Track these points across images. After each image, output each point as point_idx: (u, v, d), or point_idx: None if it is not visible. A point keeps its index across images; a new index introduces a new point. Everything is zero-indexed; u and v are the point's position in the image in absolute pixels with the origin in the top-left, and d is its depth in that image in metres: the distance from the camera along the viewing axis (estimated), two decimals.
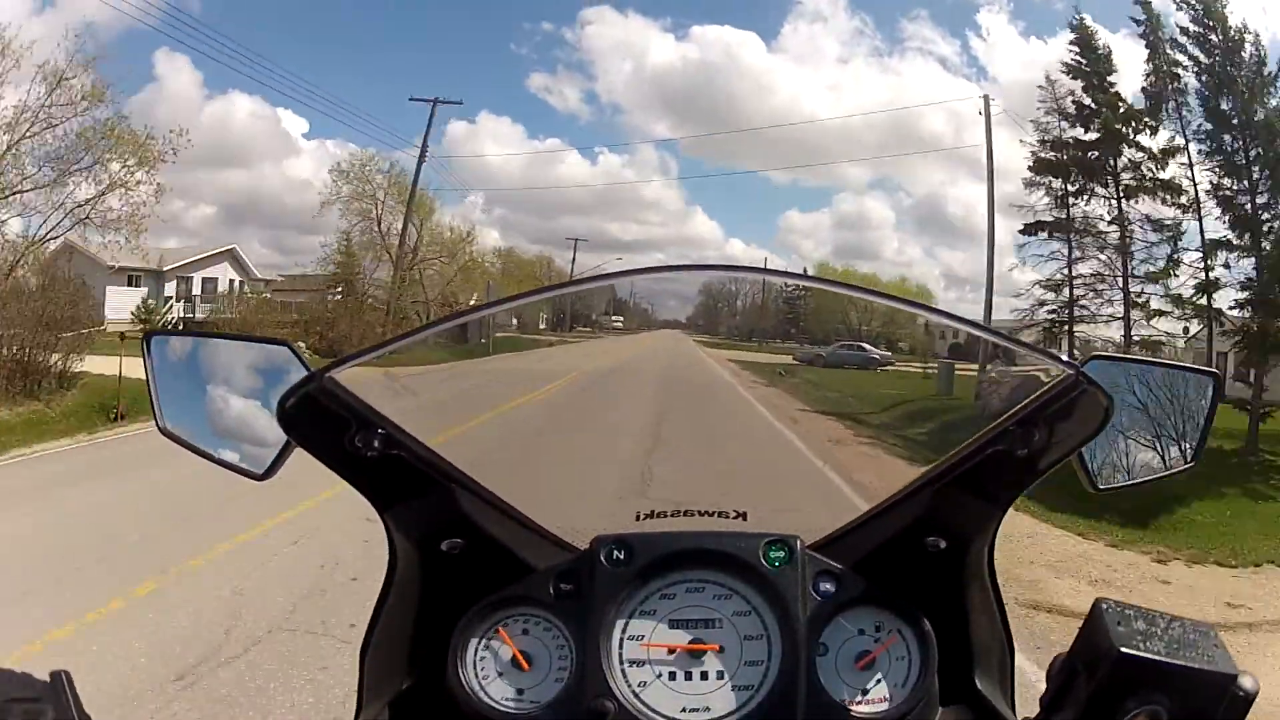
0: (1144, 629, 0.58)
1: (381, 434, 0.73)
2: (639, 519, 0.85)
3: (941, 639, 0.78)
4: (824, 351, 26.46)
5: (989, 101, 18.80)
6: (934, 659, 0.77)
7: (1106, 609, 0.60)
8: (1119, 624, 0.58)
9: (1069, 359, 0.69)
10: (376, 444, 0.72)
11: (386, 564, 0.81)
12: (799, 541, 0.80)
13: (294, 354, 0.72)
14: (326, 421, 0.71)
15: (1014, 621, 0.84)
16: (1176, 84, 14.57)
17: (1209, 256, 14.00)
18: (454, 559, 0.81)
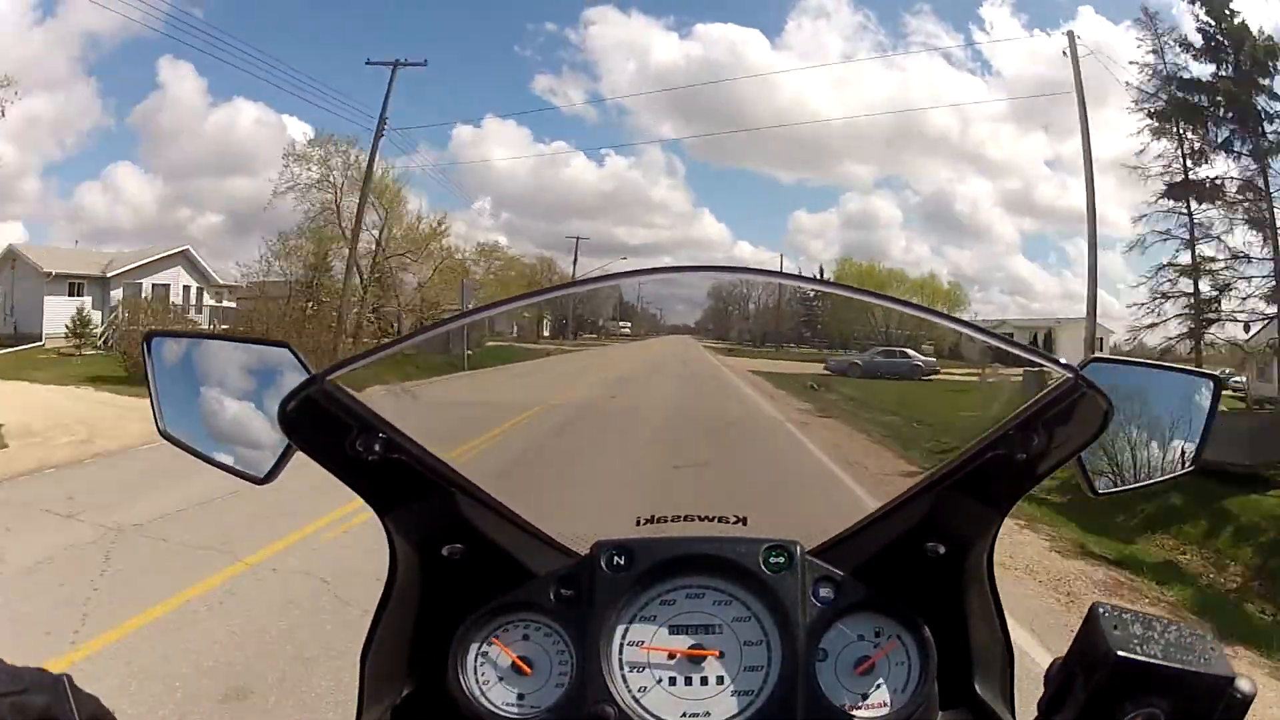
0: (1141, 633, 0.58)
1: (382, 438, 0.73)
2: (639, 524, 0.85)
3: (941, 644, 0.78)
4: (860, 359, 23.65)
5: (1074, 38, 15.81)
6: (934, 664, 0.77)
7: (1103, 613, 0.60)
8: (1115, 628, 0.58)
9: (1067, 363, 0.69)
10: (377, 448, 0.73)
11: (387, 568, 0.81)
12: (799, 547, 0.80)
13: (295, 356, 0.72)
14: (327, 425, 0.71)
15: None
16: None
17: None
18: (454, 564, 0.81)
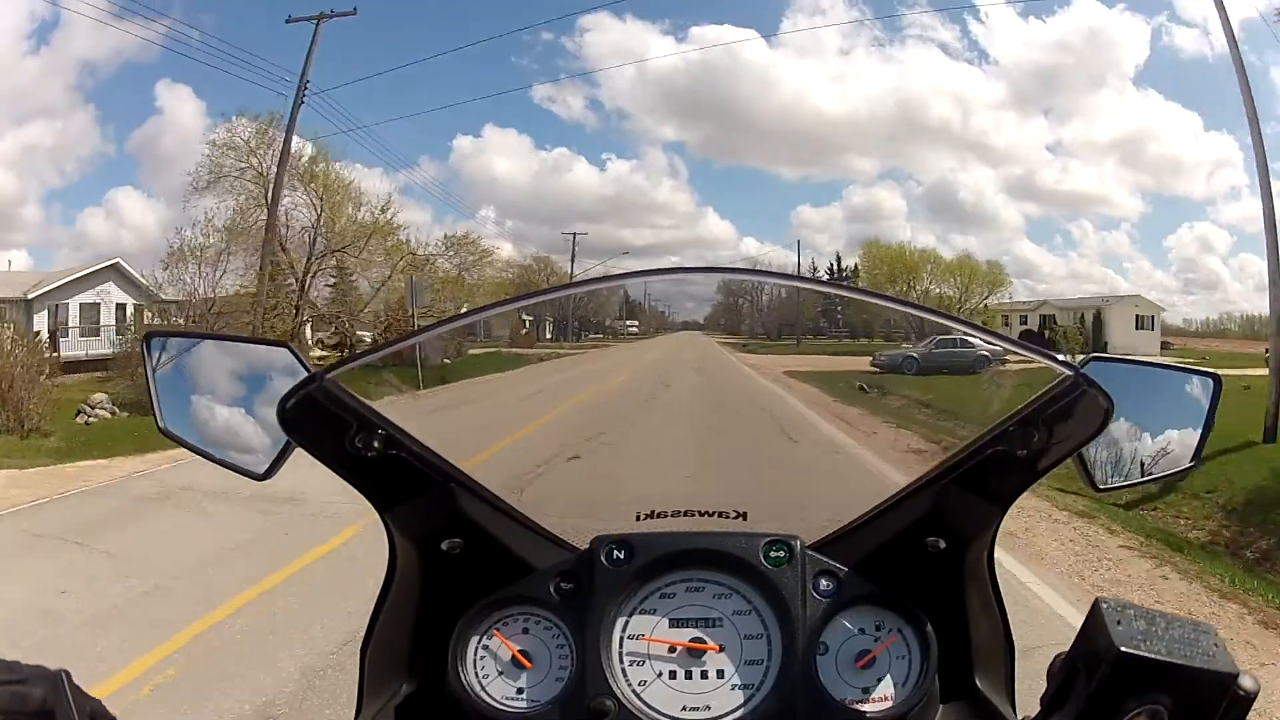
0: (1144, 628, 0.58)
1: (381, 434, 0.73)
2: (639, 519, 0.85)
3: (942, 638, 0.78)
4: (915, 351, 19.32)
5: (1224, 7, 13.76)
6: (934, 658, 0.77)
7: (1106, 608, 0.60)
8: (1119, 623, 0.58)
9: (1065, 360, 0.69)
10: (376, 445, 0.73)
11: (386, 563, 0.81)
12: (799, 541, 0.80)
13: (294, 355, 0.72)
14: (327, 423, 0.71)
15: None
16: None
17: None
18: (454, 559, 0.81)
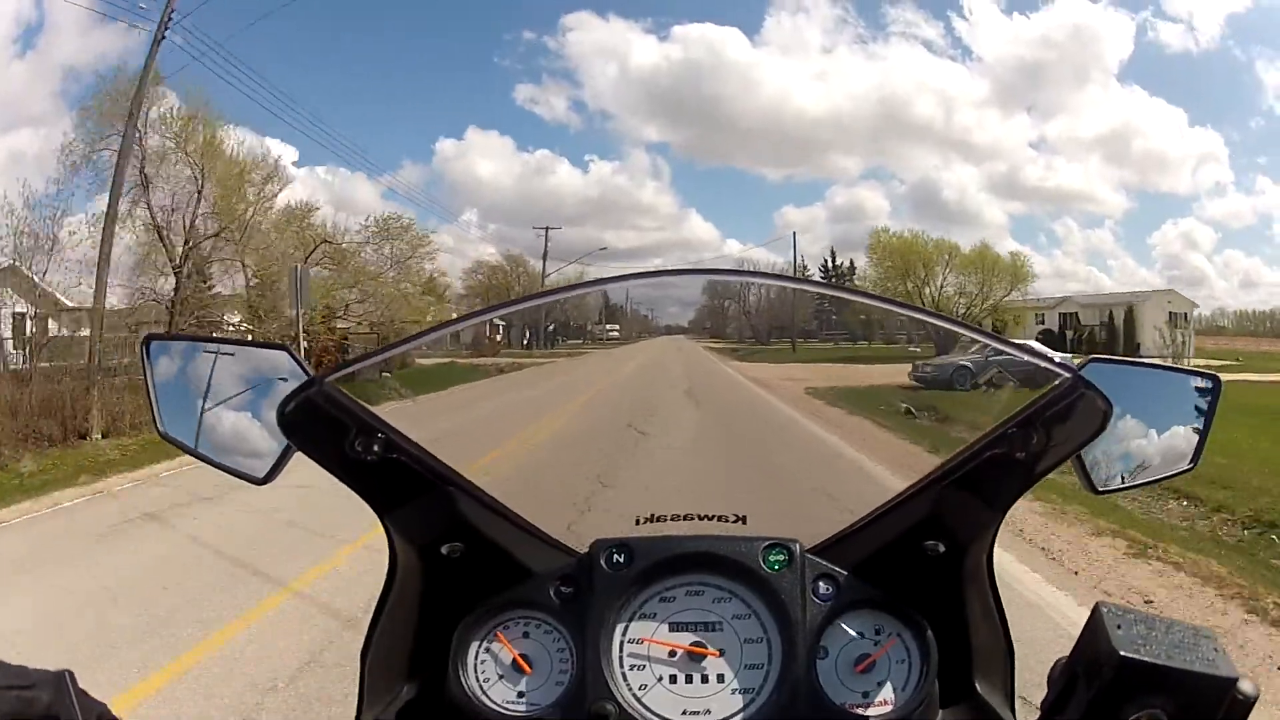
0: (1144, 633, 0.58)
1: (381, 438, 0.73)
2: (639, 523, 0.85)
3: (942, 642, 0.78)
4: (969, 360, 15.74)
5: None
6: (934, 662, 0.77)
7: (1106, 613, 0.60)
8: (1119, 628, 0.58)
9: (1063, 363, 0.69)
10: (376, 448, 0.73)
11: (386, 567, 0.81)
12: (798, 545, 0.80)
13: (293, 359, 0.72)
14: (326, 426, 0.71)
15: None
16: None
17: None
18: (454, 563, 0.81)
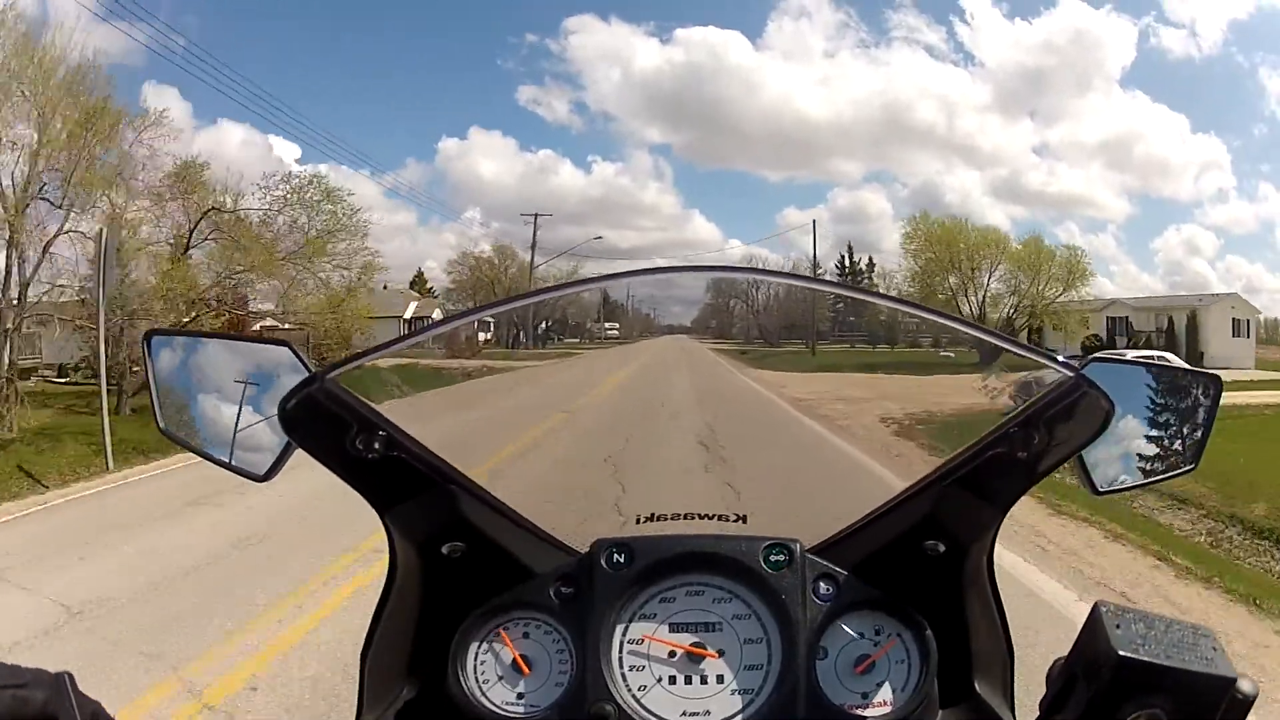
0: (1143, 632, 0.58)
1: (382, 436, 0.73)
2: (639, 522, 0.85)
3: (941, 642, 0.78)
4: None
5: None
6: (934, 662, 0.77)
7: (1105, 612, 0.60)
8: (1118, 627, 0.58)
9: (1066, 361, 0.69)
10: (377, 446, 0.73)
11: (386, 567, 0.81)
12: (799, 545, 0.80)
13: (295, 355, 0.72)
14: (327, 423, 0.71)
15: None
16: None
17: None
18: (454, 562, 0.81)
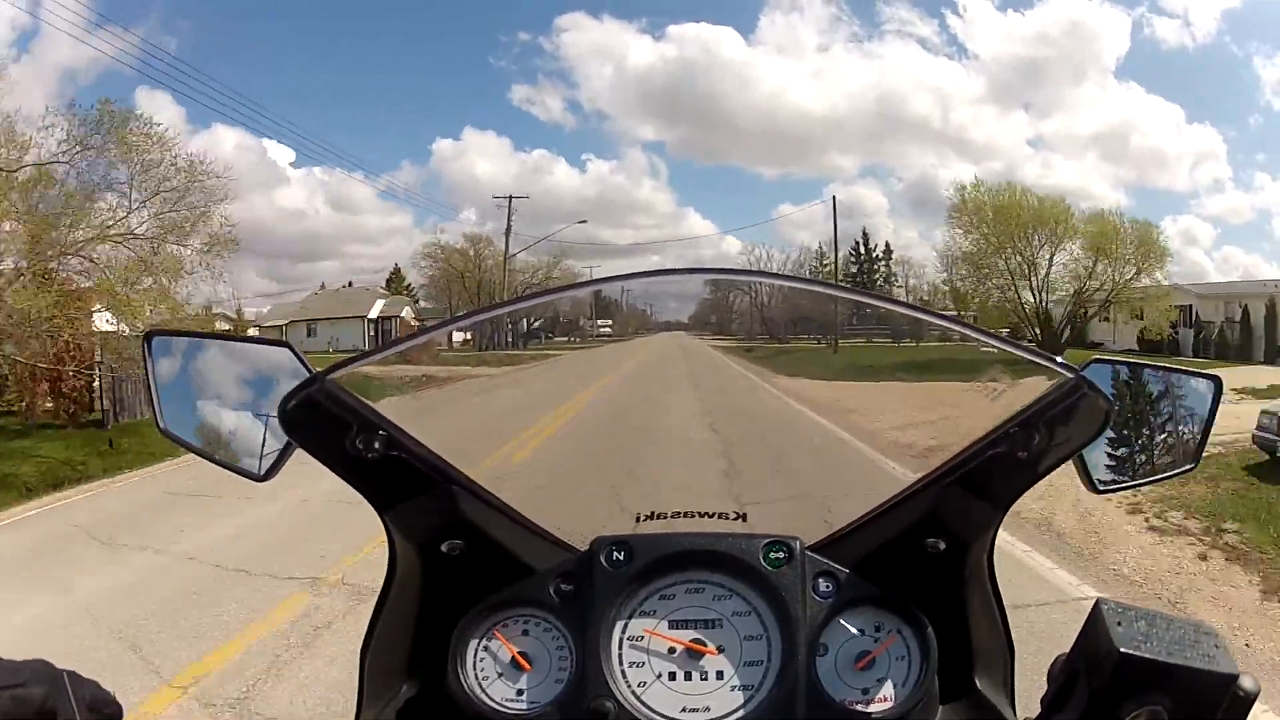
0: (1145, 629, 0.58)
1: (382, 435, 0.73)
2: (639, 520, 0.85)
3: (942, 639, 0.78)
4: None
5: None
6: (934, 659, 0.77)
7: (1107, 609, 0.60)
8: (1119, 624, 0.58)
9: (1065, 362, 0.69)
10: (377, 445, 0.73)
11: (386, 565, 0.81)
12: (799, 542, 0.80)
13: (295, 356, 0.72)
14: (327, 423, 0.71)
15: None
16: None
17: None
18: (454, 560, 0.81)
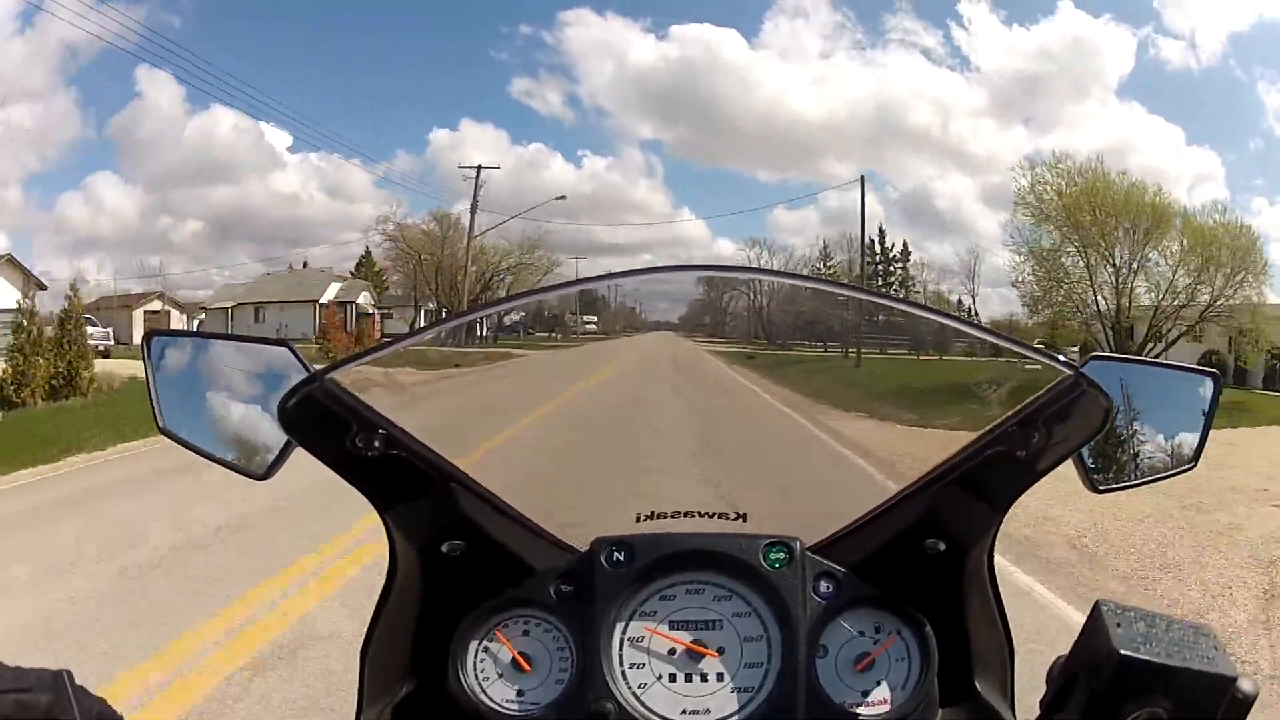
0: (1144, 631, 0.58)
1: (382, 434, 0.73)
2: (639, 520, 0.85)
3: (941, 641, 0.78)
4: None
5: None
6: (934, 661, 0.77)
7: (1106, 610, 0.60)
8: (1119, 625, 0.58)
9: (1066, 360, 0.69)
10: (377, 444, 0.73)
11: (387, 566, 0.81)
12: (799, 543, 0.80)
13: (294, 355, 0.72)
14: (327, 422, 0.71)
15: None
16: None
17: None
18: (454, 561, 0.81)
